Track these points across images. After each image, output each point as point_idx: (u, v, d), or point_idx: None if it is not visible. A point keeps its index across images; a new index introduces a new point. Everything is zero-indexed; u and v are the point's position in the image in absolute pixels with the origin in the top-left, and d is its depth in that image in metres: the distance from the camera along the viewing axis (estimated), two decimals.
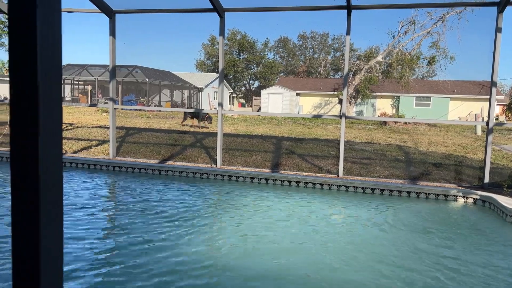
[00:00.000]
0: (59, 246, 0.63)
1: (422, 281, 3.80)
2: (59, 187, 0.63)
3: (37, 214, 0.59)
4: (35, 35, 0.57)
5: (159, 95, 35.07)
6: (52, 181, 0.61)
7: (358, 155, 10.47)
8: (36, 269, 0.59)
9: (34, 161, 0.58)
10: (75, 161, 8.67)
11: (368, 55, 30.90)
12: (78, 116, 19.63)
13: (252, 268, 4.00)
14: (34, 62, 0.58)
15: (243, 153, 10.04)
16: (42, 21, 0.58)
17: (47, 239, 0.60)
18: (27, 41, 0.58)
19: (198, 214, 5.66)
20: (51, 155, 0.60)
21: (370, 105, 36.34)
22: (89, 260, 3.99)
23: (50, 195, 0.61)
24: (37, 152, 0.58)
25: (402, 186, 7.17)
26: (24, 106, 0.58)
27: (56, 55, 0.61)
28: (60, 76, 0.61)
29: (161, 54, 69.36)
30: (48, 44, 0.59)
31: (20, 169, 0.59)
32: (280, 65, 57.02)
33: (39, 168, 0.58)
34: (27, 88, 0.58)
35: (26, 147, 0.59)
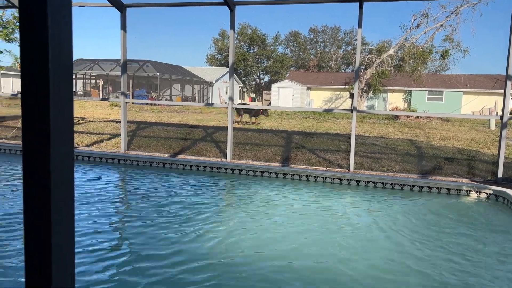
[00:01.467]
0: (70, 242, 0.64)
1: (438, 277, 3.78)
2: (70, 181, 0.63)
3: (48, 209, 0.59)
4: (47, 29, 0.57)
5: (170, 89, 35.21)
6: (64, 175, 0.61)
7: (369, 150, 10.39)
8: (48, 265, 0.59)
9: (45, 155, 0.59)
10: (87, 154, 8.76)
11: (380, 49, 30.59)
12: (90, 110, 19.82)
13: (261, 262, 4.01)
14: (46, 57, 0.58)
15: (253, 147, 10.04)
16: (53, 16, 0.58)
17: (58, 235, 0.60)
18: (38, 36, 0.58)
19: (208, 208, 5.69)
20: (62, 149, 0.61)
21: (382, 99, 36.02)
22: (97, 254, 4.04)
23: (62, 189, 0.61)
24: (49, 146, 0.59)
25: (414, 180, 7.10)
26: (35, 101, 0.59)
27: (67, 49, 0.61)
28: (71, 70, 0.61)
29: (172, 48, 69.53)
30: (59, 39, 0.59)
31: (32, 163, 0.59)
32: (291, 59, 56.72)
33: (50, 163, 0.59)
34: (38, 83, 0.58)
35: (37, 141, 0.59)
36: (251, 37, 53.54)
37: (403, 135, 14.42)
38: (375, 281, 3.69)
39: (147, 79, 36.08)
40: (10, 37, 19.87)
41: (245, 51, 54.09)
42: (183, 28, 67.17)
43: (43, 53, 0.58)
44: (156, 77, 33.00)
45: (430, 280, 3.73)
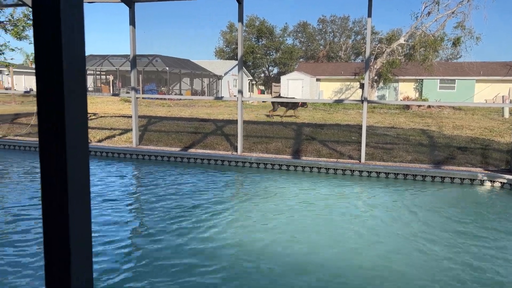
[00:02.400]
0: (87, 235, 0.65)
1: (456, 268, 3.76)
2: (86, 177, 0.64)
3: (65, 204, 0.60)
4: (59, 27, 0.58)
5: (179, 83, 35.28)
6: (79, 170, 0.62)
7: (380, 140, 10.32)
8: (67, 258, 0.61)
9: (61, 152, 0.60)
10: (99, 149, 8.86)
11: (390, 38, 30.21)
12: (101, 106, 19.98)
13: (275, 254, 4.03)
14: (59, 54, 0.59)
15: (264, 140, 10.04)
16: (65, 13, 0.58)
17: (75, 228, 0.62)
18: (51, 33, 0.59)
19: (219, 200, 5.72)
20: (77, 145, 0.62)
21: (393, 89, 35.63)
22: (109, 246, 4.10)
23: (78, 184, 0.62)
24: (64, 142, 0.60)
25: (426, 170, 7.05)
26: (50, 98, 0.60)
27: (79, 46, 0.62)
28: (83, 67, 0.62)
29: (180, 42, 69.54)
30: (71, 36, 0.60)
31: (48, 160, 0.60)
32: (300, 51, 56.33)
33: (67, 158, 0.60)
34: (53, 80, 0.59)
35: (53, 138, 0.60)
36: (260, 29, 53.25)
37: (414, 125, 14.28)
38: (387, 271, 3.69)
39: (157, 74, 36.19)
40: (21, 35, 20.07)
41: (254, 43, 53.85)
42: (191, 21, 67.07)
43: (56, 50, 0.59)
44: (166, 72, 33.09)
45: (447, 270, 3.71)
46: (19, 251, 3.93)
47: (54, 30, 0.58)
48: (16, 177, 7.13)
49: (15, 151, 9.40)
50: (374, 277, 3.58)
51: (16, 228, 4.54)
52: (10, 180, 6.91)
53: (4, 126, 12.19)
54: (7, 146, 9.63)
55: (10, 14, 20.13)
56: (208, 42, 79.40)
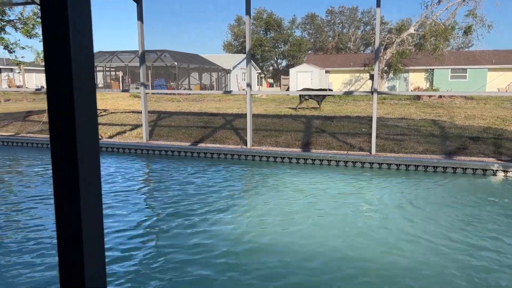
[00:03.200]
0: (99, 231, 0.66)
1: (471, 261, 3.73)
2: (97, 172, 0.65)
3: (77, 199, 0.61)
4: (67, 23, 0.58)
5: (188, 78, 35.33)
6: (90, 166, 0.63)
7: (391, 132, 10.24)
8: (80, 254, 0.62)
9: (72, 148, 0.60)
10: (110, 145, 8.94)
11: (399, 28, 29.83)
12: (111, 102, 20.13)
13: (287, 247, 4.04)
14: (68, 51, 0.59)
15: (273, 133, 10.03)
16: (73, 9, 0.59)
17: (88, 222, 0.62)
18: (59, 30, 0.59)
19: (229, 194, 5.74)
20: (87, 141, 0.62)
21: (403, 80, 35.26)
22: (121, 239, 4.15)
23: (89, 180, 0.63)
24: (75, 139, 0.60)
25: (438, 161, 6.98)
26: (60, 95, 0.60)
27: (87, 42, 0.62)
28: (92, 62, 0.63)
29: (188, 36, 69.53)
30: (79, 32, 0.60)
31: (59, 156, 0.61)
32: (308, 42, 55.95)
33: (77, 155, 0.60)
34: (62, 76, 0.60)
35: (64, 134, 0.61)
36: (267, 21, 52.97)
37: (425, 116, 14.13)
38: (400, 263, 3.67)
39: (165, 69, 36.30)
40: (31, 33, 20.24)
41: (262, 36, 53.62)
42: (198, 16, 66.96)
43: (64, 47, 0.59)
44: (174, 67, 33.16)
45: (463, 263, 3.69)
46: (34, 248, 4.00)
47: (62, 27, 0.59)
48: (30, 174, 7.24)
49: (28, 148, 9.54)
50: (387, 269, 3.57)
51: (30, 225, 4.62)
52: (24, 177, 7.02)
53: (17, 124, 12.36)
54: (20, 144, 9.77)
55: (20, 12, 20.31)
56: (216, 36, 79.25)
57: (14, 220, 4.76)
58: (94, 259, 0.64)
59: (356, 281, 3.38)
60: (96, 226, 0.65)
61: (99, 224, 0.66)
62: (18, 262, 3.64)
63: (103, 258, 0.67)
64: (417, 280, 3.38)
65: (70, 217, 0.62)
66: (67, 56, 0.59)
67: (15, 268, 3.54)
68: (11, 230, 4.45)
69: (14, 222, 4.70)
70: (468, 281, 3.34)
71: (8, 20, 20.23)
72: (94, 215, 0.64)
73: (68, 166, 0.61)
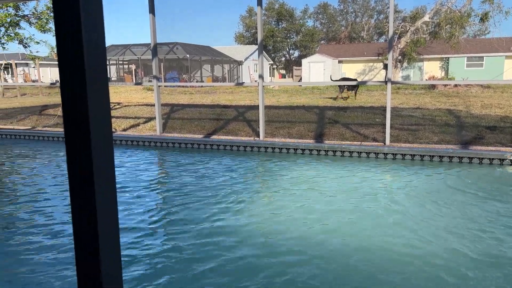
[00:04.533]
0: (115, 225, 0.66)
1: (488, 251, 3.69)
2: (111, 165, 0.65)
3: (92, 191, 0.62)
4: (79, 17, 0.58)
5: (200, 70, 35.37)
6: (104, 158, 0.63)
7: (405, 122, 10.12)
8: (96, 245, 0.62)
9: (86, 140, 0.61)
10: (124, 138, 9.03)
11: (414, 16, 29.29)
12: (125, 95, 20.29)
13: (303, 239, 4.04)
14: (80, 45, 0.59)
15: (286, 125, 10.01)
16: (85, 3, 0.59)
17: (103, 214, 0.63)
18: (71, 24, 0.59)
19: (244, 186, 5.76)
20: (101, 134, 0.63)
21: (417, 69, 34.71)
22: (136, 234, 4.20)
23: (103, 172, 0.63)
24: (89, 131, 0.60)
25: (453, 151, 6.88)
26: (73, 88, 0.60)
27: (100, 35, 0.62)
28: (104, 56, 0.63)
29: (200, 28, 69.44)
30: (91, 26, 0.60)
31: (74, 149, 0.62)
32: (321, 32, 55.38)
33: (92, 146, 0.61)
34: (75, 70, 0.60)
35: (78, 127, 0.61)
36: (279, 12, 52.54)
37: (441, 105, 13.91)
38: (416, 254, 3.65)
39: (178, 62, 36.38)
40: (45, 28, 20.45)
41: (273, 26, 53.25)
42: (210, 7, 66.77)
43: (77, 41, 0.59)
44: (186, 59, 33.21)
45: (479, 254, 3.64)
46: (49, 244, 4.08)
47: (74, 20, 0.59)
48: (47, 166, 7.36)
49: (44, 142, 9.69)
50: (401, 262, 3.55)
51: (48, 220, 4.71)
52: (40, 170, 7.14)
53: (33, 118, 12.56)
54: (36, 137, 9.94)
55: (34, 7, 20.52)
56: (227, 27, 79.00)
57: (32, 213, 4.86)
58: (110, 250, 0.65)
59: (372, 273, 3.37)
60: (111, 219, 0.66)
61: (114, 216, 0.66)
62: (36, 260, 3.73)
63: (118, 251, 0.67)
64: (433, 272, 3.35)
65: (85, 210, 0.63)
66: (79, 50, 0.59)
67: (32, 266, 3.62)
68: (29, 226, 4.54)
69: (31, 216, 4.79)
70: (487, 272, 3.31)
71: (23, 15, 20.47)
72: (109, 208, 0.65)
73: (83, 159, 0.61)
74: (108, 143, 0.64)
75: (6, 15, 19.60)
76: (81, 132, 0.61)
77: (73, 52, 0.60)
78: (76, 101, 0.60)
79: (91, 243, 0.63)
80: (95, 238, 0.62)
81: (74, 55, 0.60)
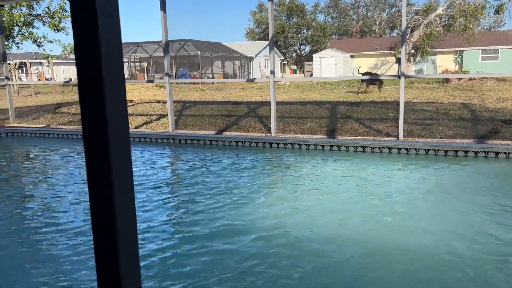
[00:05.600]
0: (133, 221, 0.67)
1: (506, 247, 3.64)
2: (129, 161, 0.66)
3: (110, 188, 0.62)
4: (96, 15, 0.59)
5: (211, 67, 35.44)
6: (122, 155, 0.64)
7: (419, 116, 10.00)
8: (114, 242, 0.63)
9: (104, 137, 0.61)
10: (137, 135, 9.11)
11: (427, 9, 28.86)
12: (137, 93, 20.44)
13: (318, 235, 4.03)
14: (97, 43, 0.59)
15: (297, 121, 9.97)
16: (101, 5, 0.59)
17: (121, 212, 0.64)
18: (88, 23, 0.59)
19: (257, 183, 5.76)
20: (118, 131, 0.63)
21: (431, 63, 34.24)
22: (151, 230, 4.24)
23: (121, 169, 0.64)
24: (106, 129, 0.61)
25: (468, 146, 6.78)
26: (91, 87, 0.61)
27: (116, 33, 0.62)
28: (121, 53, 0.63)
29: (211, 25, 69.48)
30: (108, 24, 0.60)
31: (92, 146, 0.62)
32: (332, 27, 54.96)
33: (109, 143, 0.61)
34: (92, 68, 0.60)
35: (96, 125, 0.61)
36: (290, 7, 52.27)
37: (455, 99, 13.71)
38: (431, 250, 3.61)
39: (189, 59, 36.49)
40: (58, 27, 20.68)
41: (284, 22, 53.01)
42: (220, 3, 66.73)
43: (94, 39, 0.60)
44: (197, 56, 33.29)
45: (495, 254, 3.59)
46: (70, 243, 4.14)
47: (91, 19, 0.59)
48: (64, 164, 7.47)
49: (59, 139, 9.83)
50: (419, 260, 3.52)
51: (67, 218, 4.78)
52: (57, 167, 7.25)
53: (48, 116, 12.74)
54: (51, 135, 10.08)
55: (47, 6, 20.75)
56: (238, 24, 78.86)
57: (52, 210, 4.94)
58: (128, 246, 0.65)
59: (387, 271, 3.34)
60: (130, 215, 0.66)
61: (131, 211, 0.67)
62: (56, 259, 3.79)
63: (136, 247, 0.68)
64: (451, 272, 3.32)
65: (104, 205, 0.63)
66: (96, 48, 0.60)
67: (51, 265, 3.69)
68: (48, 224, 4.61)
69: (52, 212, 4.87)
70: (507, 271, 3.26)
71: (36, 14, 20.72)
72: (127, 203, 0.65)
73: (101, 154, 0.62)
74: (125, 140, 0.65)
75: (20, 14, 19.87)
76: (99, 129, 0.61)
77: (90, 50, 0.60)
78: (94, 98, 0.61)
79: (110, 238, 0.63)
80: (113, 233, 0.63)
81: (91, 53, 0.60)
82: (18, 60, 27.25)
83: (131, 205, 0.67)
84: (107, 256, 0.64)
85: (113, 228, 0.63)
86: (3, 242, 4.02)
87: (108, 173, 0.62)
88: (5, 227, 4.41)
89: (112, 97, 0.62)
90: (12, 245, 3.95)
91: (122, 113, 0.64)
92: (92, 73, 0.60)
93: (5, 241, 4.05)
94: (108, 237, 0.64)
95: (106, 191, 0.62)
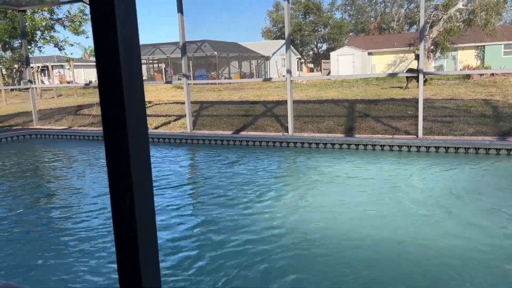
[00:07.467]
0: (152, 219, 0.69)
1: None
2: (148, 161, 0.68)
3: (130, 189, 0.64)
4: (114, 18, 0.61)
5: (228, 67, 35.58)
6: (141, 155, 0.66)
7: (439, 113, 9.83)
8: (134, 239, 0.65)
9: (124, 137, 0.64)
10: (157, 136, 9.23)
11: (446, 4, 28.31)
12: (156, 94, 20.69)
13: (337, 234, 4.02)
14: (116, 45, 0.62)
15: (315, 119, 9.93)
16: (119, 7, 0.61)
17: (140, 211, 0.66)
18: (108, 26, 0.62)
19: (275, 182, 5.77)
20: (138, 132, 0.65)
21: (451, 58, 33.56)
22: (170, 230, 4.29)
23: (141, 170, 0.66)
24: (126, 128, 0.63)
25: (490, 143, 6.63)
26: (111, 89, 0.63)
27: (134, 35, 0.64)
28: (139, 55, 0.65)
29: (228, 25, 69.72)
30: (126, 26, 0.63)
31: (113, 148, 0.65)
32: (349, 24, 54.45)
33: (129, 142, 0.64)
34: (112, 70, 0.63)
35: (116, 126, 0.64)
36: (306, 5, 52.00)
37: (476, 95, 13.41)
38: (450, 249, 3.56)
39: (206, 59, 36.72)
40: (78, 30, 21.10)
41: (301, 20, 52.78)
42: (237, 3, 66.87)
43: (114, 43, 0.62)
44: (214, 56, 33.47)
45: None
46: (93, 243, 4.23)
47: (110, 22, 0.61)
48: (86, 165, 7.63)
49: (80, 141, 10.04)
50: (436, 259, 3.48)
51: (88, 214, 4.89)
52: (79, 167, 7.41)
53: (69, 118, 13.03)
54: (73, 137, 10.30)
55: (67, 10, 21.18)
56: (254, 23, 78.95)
57: (71, 209, 5.06)
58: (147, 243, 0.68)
59: (409, 270, 3.31)
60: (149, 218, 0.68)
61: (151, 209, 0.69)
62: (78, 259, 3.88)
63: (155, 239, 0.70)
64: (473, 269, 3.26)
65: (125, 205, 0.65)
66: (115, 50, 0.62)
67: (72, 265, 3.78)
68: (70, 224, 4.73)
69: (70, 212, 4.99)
70: None
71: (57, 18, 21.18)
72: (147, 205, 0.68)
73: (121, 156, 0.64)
74: (144, 139, 0.67)
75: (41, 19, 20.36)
76: (119, 131, 0.64)
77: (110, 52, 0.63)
78: (114, 100, 0.63)
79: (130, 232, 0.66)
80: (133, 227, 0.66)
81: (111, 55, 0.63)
82: (40, 64, 27.93)
83: (150, 203, 0.69)
84: (127, 256, 0.67)
85: (133, 223, 0.66)
86: (30, 237, 4.14)
87: (128, 173, 0.64)
88: (33, 225, 4.54)
89: (131, 96, 0.64)
90: (33, 241, 4.06)
91: (140, 111, 0.66)
92: (112, 75, 0.63)
93: (32, 236, 4.17)
94: (128, 230, 0.66)
95: (127, 188, 0.65)
